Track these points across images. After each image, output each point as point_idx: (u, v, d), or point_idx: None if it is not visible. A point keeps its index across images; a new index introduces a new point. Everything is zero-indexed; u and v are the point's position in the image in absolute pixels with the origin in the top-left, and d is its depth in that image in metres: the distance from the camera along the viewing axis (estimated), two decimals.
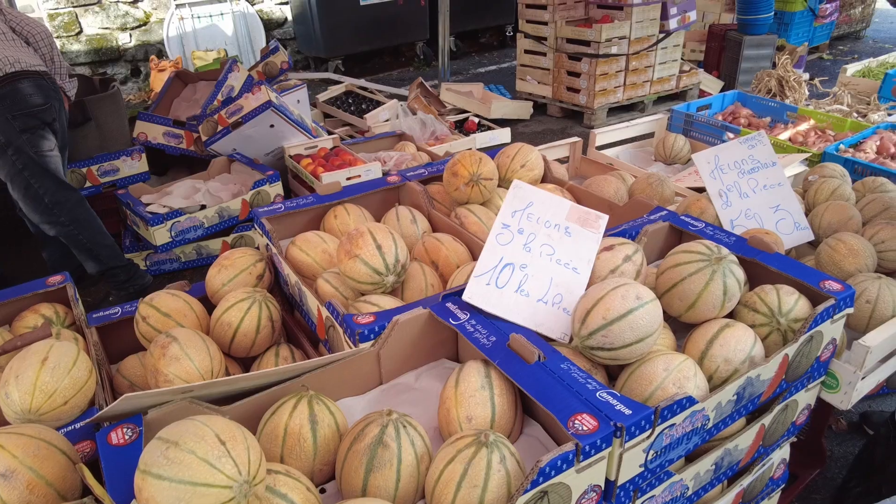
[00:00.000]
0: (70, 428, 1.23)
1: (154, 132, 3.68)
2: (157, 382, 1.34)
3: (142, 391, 1.05)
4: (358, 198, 2.12)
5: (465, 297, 1.44)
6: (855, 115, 3.33)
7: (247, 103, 3.41)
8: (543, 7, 5.36)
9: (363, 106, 4.97)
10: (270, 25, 7.45)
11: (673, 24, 5.28)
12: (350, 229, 1.73)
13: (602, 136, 2.96)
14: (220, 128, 3.46)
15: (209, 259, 3.29)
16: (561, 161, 2.86)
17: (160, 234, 3.04)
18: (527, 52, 5.68)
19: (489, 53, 8.25)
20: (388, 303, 1.59)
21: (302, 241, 1.86)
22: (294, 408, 1.16)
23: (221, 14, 6.79)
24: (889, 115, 3.36)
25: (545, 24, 5.40)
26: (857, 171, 2.55)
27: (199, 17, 6.66)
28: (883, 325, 1.71)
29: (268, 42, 6.16)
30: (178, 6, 6.53)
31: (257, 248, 1.98)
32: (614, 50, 5.07)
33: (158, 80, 5.67)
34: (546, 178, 2.30)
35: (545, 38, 5.44)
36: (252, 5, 7.17)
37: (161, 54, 6.66)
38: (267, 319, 1.61)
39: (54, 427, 1.19)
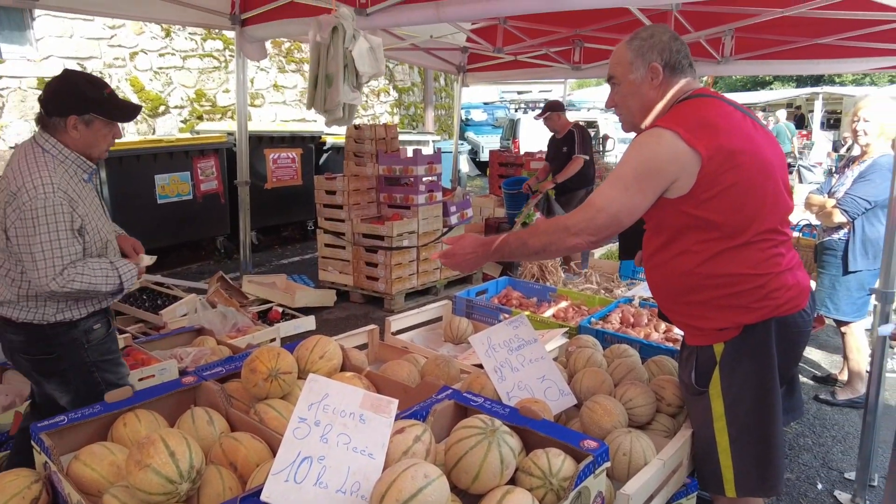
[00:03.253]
0: None
1: None
2: None
3: None
4: (151, 402, 2.06)
5: (264, 497, 1.46)
6: (602, 291, 4.00)
7: None
8: (340, 207, 5.85)
9: (158, 301, 4.84)
10: None
11: (453, 219, 6.05)
12: (141, 437, 1.69)
13: (396, 322, 3.22)
14: None
15: None
16: (361, 347, 3.04)
17: None
18: (327, 245, 6.05)
19: (292, 246, 8.58)
20: None
21: (86, 454, 1.76)
22: None
23: None
24: (628, 289, 4.08)
25: (342, 221, 5.86)
26: (607, 339, 3.04)
27: None
28: (638, 473, 2.01)
29: None
30: None
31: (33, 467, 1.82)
32: (405, 243, 5.62)
33: None
34: (345, 367, 2.43)
35: (343, 234, 5.87)
36: None
37: None
38: None
39: None
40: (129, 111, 2.40)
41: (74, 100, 2.27)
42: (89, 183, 2.41)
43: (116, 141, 2.46)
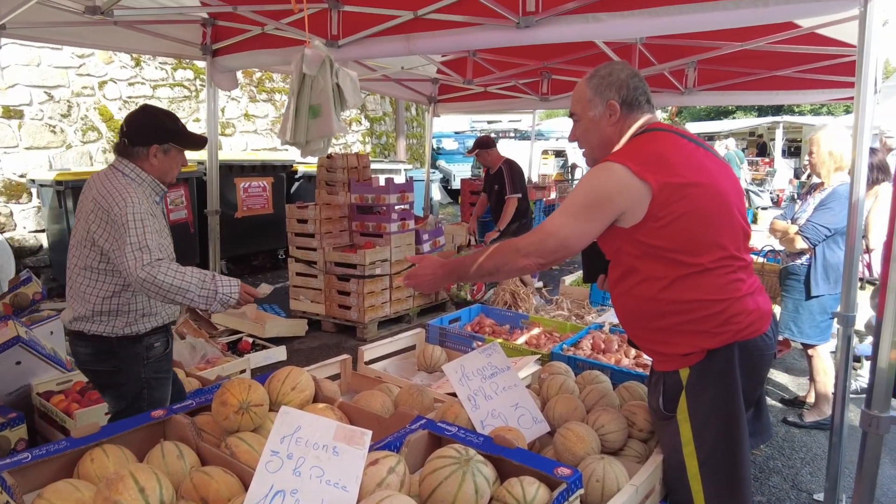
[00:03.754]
0: None
1: None
2: None
3: None
4: (119, 437, 2.02)
5: None
6: (573, 318, 4.04)
7: None
8: (311, 235, 5.84)
9: None
10: (23, 253, 6.97)
11: (426, 247, 6.08)
12: (110, 473, 1.65)
13: (369, 351, 3.21)
14: None
15: None
16: (333, 378, 3.02)
17: None
18: (299, 274, 6.02)
19: (262, 274, 8.50)
20: None
21: (51, 492, 1.71)
22: None
23: None
24: (599, 315, 4.13)
25: (314, 249, 5.84)
26: (579, 366, 3.06)
27: None
28: (611, 499, 2.02)
29: (19, 271, 5.73)
30: None
31: None
32: (378, 271, 5.62)
33: None
34: (317, 398, 2.41)
35: (315, 262, 5.85)
36: (1, 233, 6.71)
37: None
38: None
39: None
40: (199, 141, 2.71)
41: (157, 131, 2.57)
42: (159, 205, 2.67)
43: (82, 171, 2.56)
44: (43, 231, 7.08)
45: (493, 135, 23.02)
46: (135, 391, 2.62)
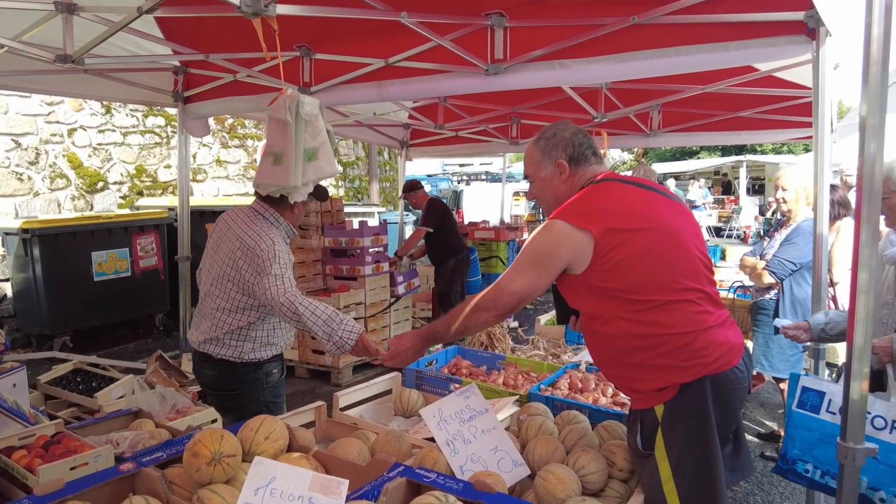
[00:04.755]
0: None
1: None
2: None
3: None
4: (86, 493, 1.94)
5: None
6: (550, 357, 4.04)
7: None
8: None
9: (93, 384, 4.60)
10: None
11: (401, 289, 6.07)
12: None
13: (345, 397, 3.15)
14: None
15: None
16: (308, 425, 2.95)
17: None
18: None
19: None
20: None
21: None
22: None
23: None
24: (575, 354, 4.13)
25: None
26: (557, 406, 3.05)
27: None
28: None
29: None
30: None
31: None
32: (353, 314, 5.58)
33: None
34: (292, 447, 2.36)
35: None
36: None
37: None
38: None
39: None
40: (326, 194, 3.13)
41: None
42: (288, 245, 2.94)
43: (49, 218, 2.62)
44: (7, 280, 6.90)
45: (465, 177, 23.30)
46: (254, 413, 2.75)
